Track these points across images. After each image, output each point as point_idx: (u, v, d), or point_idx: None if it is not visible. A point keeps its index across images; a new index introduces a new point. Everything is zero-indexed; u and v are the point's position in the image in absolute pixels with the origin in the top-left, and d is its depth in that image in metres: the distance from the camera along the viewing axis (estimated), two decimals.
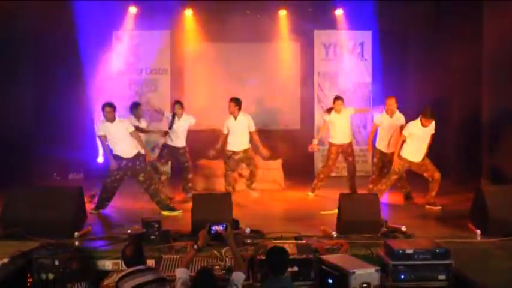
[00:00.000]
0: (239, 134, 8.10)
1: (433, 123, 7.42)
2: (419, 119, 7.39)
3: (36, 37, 9.84)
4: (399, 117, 7.97)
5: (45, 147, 9.84)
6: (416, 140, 7.44)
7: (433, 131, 7.51)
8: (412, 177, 8.00)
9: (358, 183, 8.53)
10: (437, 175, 7.49)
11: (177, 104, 8.32)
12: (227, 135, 8.12)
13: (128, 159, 7.20)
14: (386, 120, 8.03)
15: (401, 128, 7.72)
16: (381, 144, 8.12)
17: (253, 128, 8.16)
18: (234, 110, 8.01)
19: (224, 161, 8.31)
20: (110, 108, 7.09)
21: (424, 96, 9.46)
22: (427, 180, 7.62)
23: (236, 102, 8.03)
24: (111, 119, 7.10)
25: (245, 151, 8.20)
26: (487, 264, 4.91)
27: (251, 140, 8.23)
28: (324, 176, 8.62)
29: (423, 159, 7.52)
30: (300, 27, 10.66)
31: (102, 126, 7.19)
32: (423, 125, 7.35)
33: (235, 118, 8.05)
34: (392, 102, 7.93)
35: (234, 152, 8.16)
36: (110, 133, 7.14)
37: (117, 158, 7.21)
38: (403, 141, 7.48)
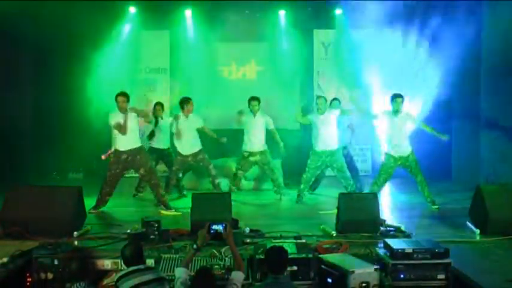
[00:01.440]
0: (256, 132, 8.06)
1: (408, 111, 7.50)
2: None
3: (36, 37, 9.83)
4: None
5: (44, 146, 9.85)
6: (394, 131, 7.40)
7: (413, 122, 7.48)
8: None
9: None
10: (419, 177, 7.43)
11: (158, 105, 8.35)
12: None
13: (128, 154, 7.16)
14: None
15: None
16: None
17: (272, 126, 8.13)
18: (257, 108, 8.01)
19: (238, 160, 8.30)
20: (122, 98, 7.00)
21: (423, 96, 9.47)
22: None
23: (259, 101, 8.06)
24: (124, 109, 7.02)
25: (262, 153, 8.11)
26: (486, 264, 4.91)
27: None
28: (306, 185, 8.09)
29: (409, 156, 7.43)
30: (300, 26, 10.67)
31: (114, 117, 7.04)
32: (394, 105, 7.34)
33: (254, 116, 8.03)
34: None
35: (250, 153, 8.10)
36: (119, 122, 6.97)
37: (117, 152, 7.19)
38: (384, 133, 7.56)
